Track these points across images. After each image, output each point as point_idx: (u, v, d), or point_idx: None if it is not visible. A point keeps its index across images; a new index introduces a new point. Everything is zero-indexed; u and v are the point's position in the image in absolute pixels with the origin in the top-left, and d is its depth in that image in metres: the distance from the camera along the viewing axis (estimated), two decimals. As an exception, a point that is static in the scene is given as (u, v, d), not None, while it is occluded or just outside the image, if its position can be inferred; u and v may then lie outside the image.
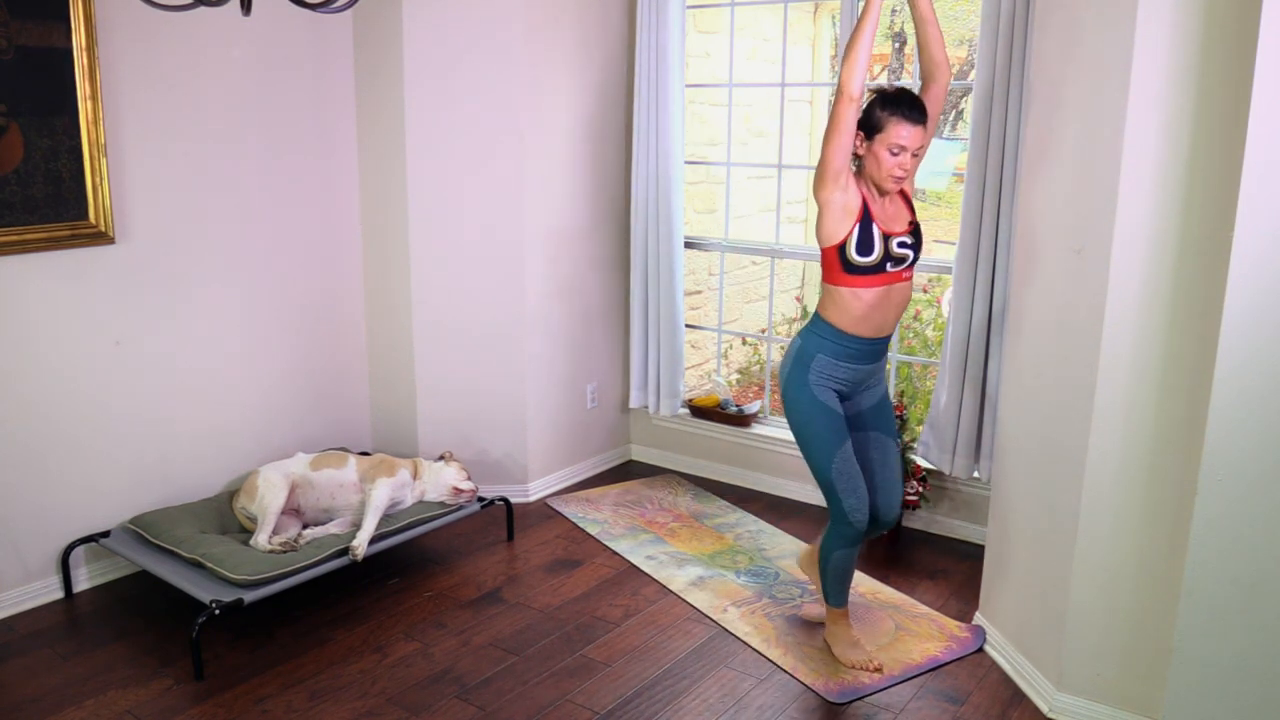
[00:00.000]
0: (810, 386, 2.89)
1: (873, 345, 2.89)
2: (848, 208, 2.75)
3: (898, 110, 2.69)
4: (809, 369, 2.89)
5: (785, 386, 2.96)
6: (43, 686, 2.93)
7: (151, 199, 3.52)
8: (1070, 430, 2.72)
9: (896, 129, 2.69)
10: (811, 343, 2.90)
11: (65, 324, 3.35)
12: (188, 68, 3.55)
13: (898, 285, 2.84)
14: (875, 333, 2.86)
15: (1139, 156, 2.46)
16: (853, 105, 2.67)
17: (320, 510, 3.57)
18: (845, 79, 2.65)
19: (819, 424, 2.90)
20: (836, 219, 2.75)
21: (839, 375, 2.90)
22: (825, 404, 2.90)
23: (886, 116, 2.70)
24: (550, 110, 4.19)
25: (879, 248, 2.75)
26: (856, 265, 2.77)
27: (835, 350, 2.87)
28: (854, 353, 2.88)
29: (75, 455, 3.42)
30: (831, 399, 2.91)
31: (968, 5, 6.97)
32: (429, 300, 4.18)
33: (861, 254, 2.76)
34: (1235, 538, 2.32)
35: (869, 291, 2.80)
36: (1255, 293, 2.22)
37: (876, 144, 2.73)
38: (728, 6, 4.71)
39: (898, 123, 2.69)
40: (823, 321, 2.88)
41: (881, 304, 2.83)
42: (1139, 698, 2.68)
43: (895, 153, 2.71)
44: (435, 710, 2.85)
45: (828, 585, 3.07)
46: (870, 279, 2.79)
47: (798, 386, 2.91)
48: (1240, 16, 2.25)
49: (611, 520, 4.15)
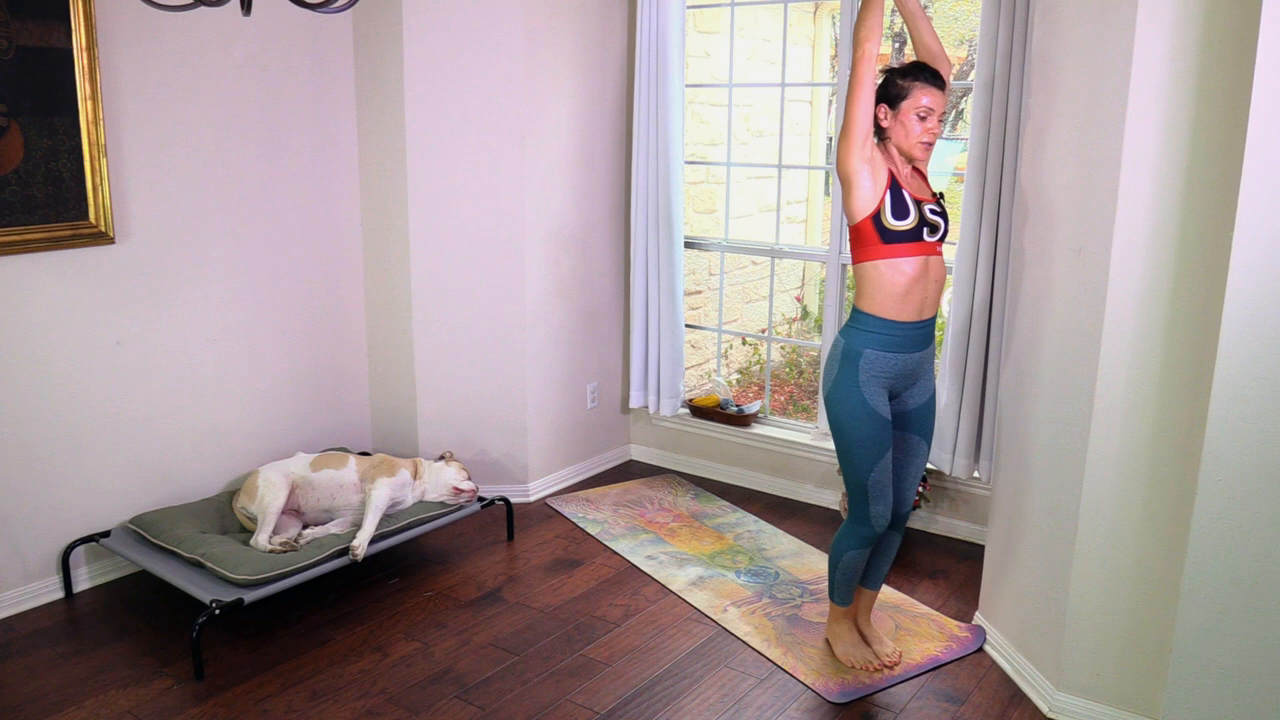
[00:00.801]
0: (860, 388, 2.79)
1: (919, 329, 2.80)
2: (876, 176, 2.72)
3: (919, 76, 2.71)
4: (858, 368, 2.78)
5: (833, 388, 2.84)
6: (43, 686, 2.94)
7: (151, 199, 3.52)
8: (1070, 430, 2.72)
9: (921, 92, 2.70)
10: (856, 339, 2.80)
11: (65, 324, 3.35)
12: (188, 68, 3.55)
13: (934, 259, 2.79)
14: (918, 314, 2.78)
15: (1139, 156, 2.46)
16: (873, 60, 2.65)
17: (320, 510, 3.57)
18: (864, 36, 2.66)
19: (865, 431, 2.81)
20: (866, 188, 2.71)
21: (890, 369, 2.80)
22: (875, 410, 2.80)
23: (909, 84, 2.71)
24: (550, 110, 4.19)
25: (914, 211, 2.72)
26: (894, 231, 2.71)
27: (883, 341, 2.77)
28: (901, 340, 2.78)
29: (75, 455, 3.42)
30: (882, 402, 2.82)
31: (968, 5, 6.97)
32: (429, 300, 4.18)
33: (898, 217, 2.71)
34: (1235, 538, 2.32)
35: (908, 262, 2.73)
36: (1255, 293, 2.22)
37: (903, 112, 2.72)
38: (728, 6, 4.71)
39: (921, 87, 2.70)
40: (864, 314, 2.79)
41: (921, 278, 2.76)
42: (1139, 698, 2.68)
43: (923, 116, 2.71)
44: (435, 710, 2.85)
45: (835, 583, 3.05)
46: (909, 247, 2.73)
47: (847, 388, 2.81)
48: (1240, 16, 2.25)
49: (611, 520, 4.15)
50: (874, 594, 3.15)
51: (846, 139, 2.71)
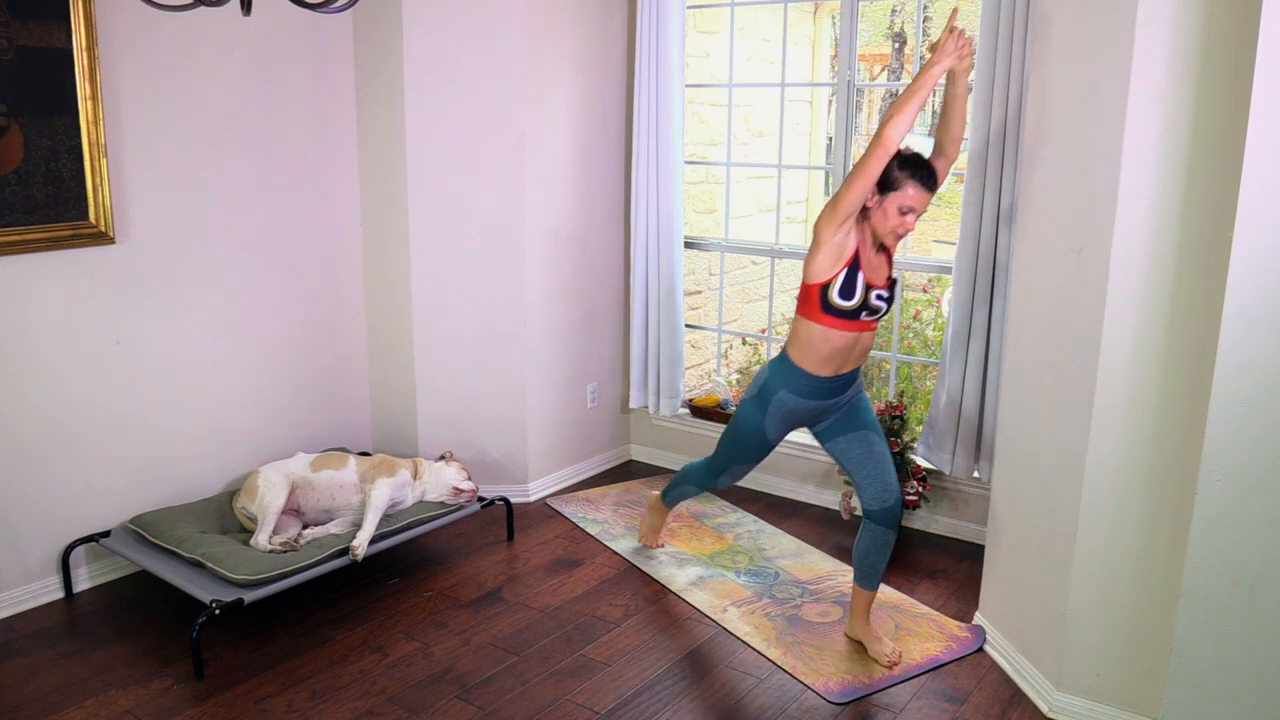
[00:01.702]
0: (765, 415, 3.08)
1: (834, 382, 3.01)
2: (843, 250, 2.84)
3: (916, 174, 2.78)
4: (769, 403, 3.06)
5: (745, 401, 3.16)
6: (43, 686, 2.93)
7: (151, 199, 3.52)
8: (1070, 430, 2.72)
9: (911, 191, 2.78)
10: (776, 378, 3.04)
11: (65, 324, 3.35)
12: (188, 68, 3.55)
13: (865, 334, 2.97)
14: (836, 372, 2.99)
15: (1139, 156, 2.46)
16: (887, 157, 2.73)
17: (320, 510, 3.57)
18: (889, 134, 2.70)
19: (750, 441, 3.17)
20: (830, 258, 2.84)
21: (799, 410, 3.05)
22: (766, 433, 3.12)
23: (905, 177, 2.78)
24: (550, 110, 4.19)
25: (859, 295, 2.85)
26: (836, 308, 2.87)
27: (798, 388, 3.00)
28: (816, 390, 3.01)
29: (75, 455, 3.42)
30: (778, 433, 3.13)
31: (968, 5, 6.97)
32: (429, 300, 4.18)
33: (843, 298, 2.86)
34: (1235, 538, 2.32)
35: (839, 335, 2.91)
36: (1255, 293, 2.22)
37: (889, 200, 2.80)
38: (728, 6, 4.71)
39: (914, 186, 2.78)
40: (789, 360, 3.01)
41: (848, 349, 2.95)
42: (1139, 698, 2.68)
43: (905, 212, 2.80)
44: (435, 710, 2.85)
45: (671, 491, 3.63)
46: (844, 323, 2.90)
47: (752, 408, 3.12)
48: (1240, 16, 2.25)
49: (611, 520, 4.15)
50: (871, 594, 3.15)
51: (833, 211, 2.81)
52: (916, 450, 3.97)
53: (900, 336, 4.85)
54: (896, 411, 3.90)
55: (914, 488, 3.84)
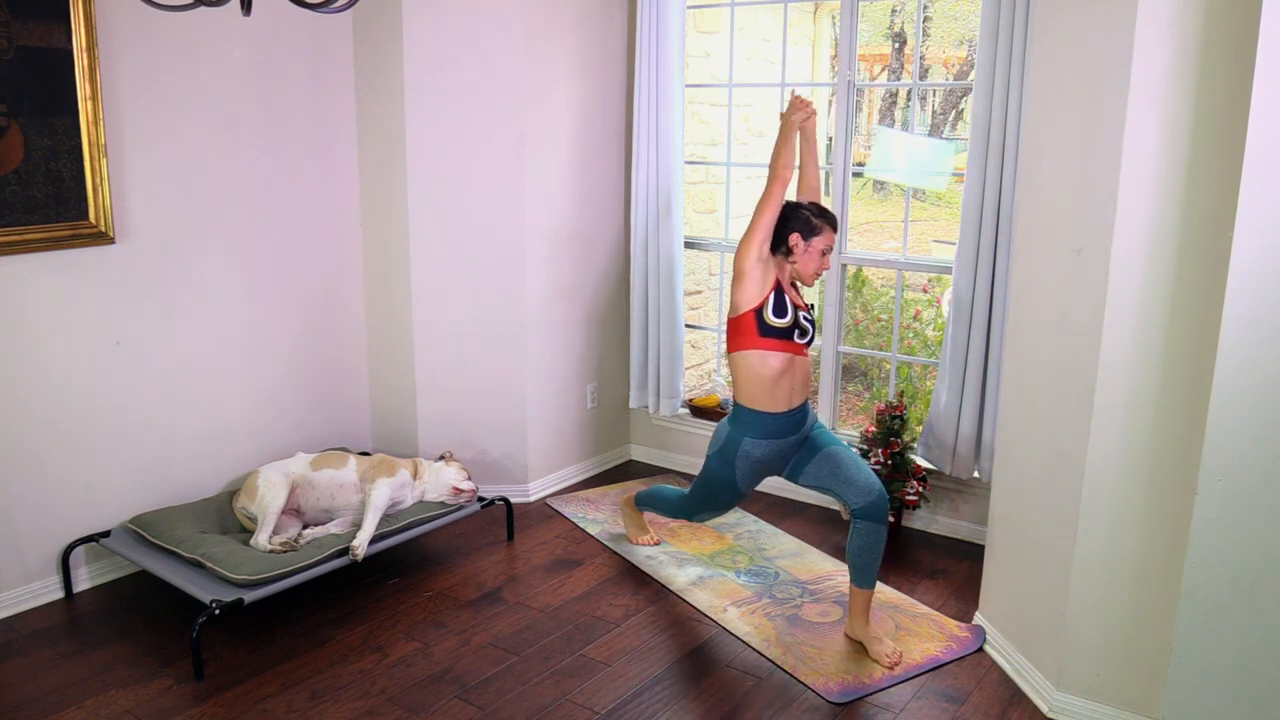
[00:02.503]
0: (734, 468, 3.21)
1: (790, 417, 3.16)
2: (766, 276, 3.11)
3: (827, 223, 3.16)
4: (736, 454, 3.19)
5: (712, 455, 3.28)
6: (43, 686, 2.94)
7: (151, 199, 3.52)
8: (1070, 430, 2.72)
9: (828, 236, 3.16)
10: (737, 430, 3.19)
11: (65, 324, 3.35)
12: (188, 68, 3.55)
13: (799, 358, 3.17)
14: (788, 404, 3.15)
15: (1139, 156, 2.46)
16: (785, 186, 3.12)
17: (320, 510, 3.57)
18: (781, 168, 3.12)
19: (720, 491, 3.30)
20: (756, 284, 3.10)
21: (765, 454, 3.18)
22: (738, 485, 3.24)
23: (821, 225, 3.15)
24: (550, 110, 4.19)
25: (790, 313, 3.11)
26: (771, 327, 3.09)
27: (759, 429, 3.15)
28: (775, 427, 3.15)
29: (75, 455, 3.42)
30: (750, 482, 3.26)
31: (968, 5, 6.98)
32: (429, 300, 4.18)
33: (778, 316, 3.10)
34: (1235, 538, 2.32)
35: (776, 356, 3.11)
36: (1255, 293, 2.22)
37: (813, 246, 3.15)
38: (728, 6, 4.71)
39: (828, 232, 3.16)
40: (742, 407, 3.18)
41: (787, 372, 3.13)
42: (1139, 698, 2.68)
43: (825, 252, 3.17)
44: (435, 710, 2.85)
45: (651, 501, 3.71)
46: (781, 343, 3.11)
47: (720, 461, 3.25)
48: (1240, 16, 2.25)
49: (611, 520, 4.15)
50: (869, 593, 3.15)
51: (748, 240, 3.10)
52: (916, 450, 3.97)
53: (900, 336, 4.85)
54: (896, 411, 3.90)
55: (914, 488, 3.84)
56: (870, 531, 3.07)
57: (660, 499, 3.68)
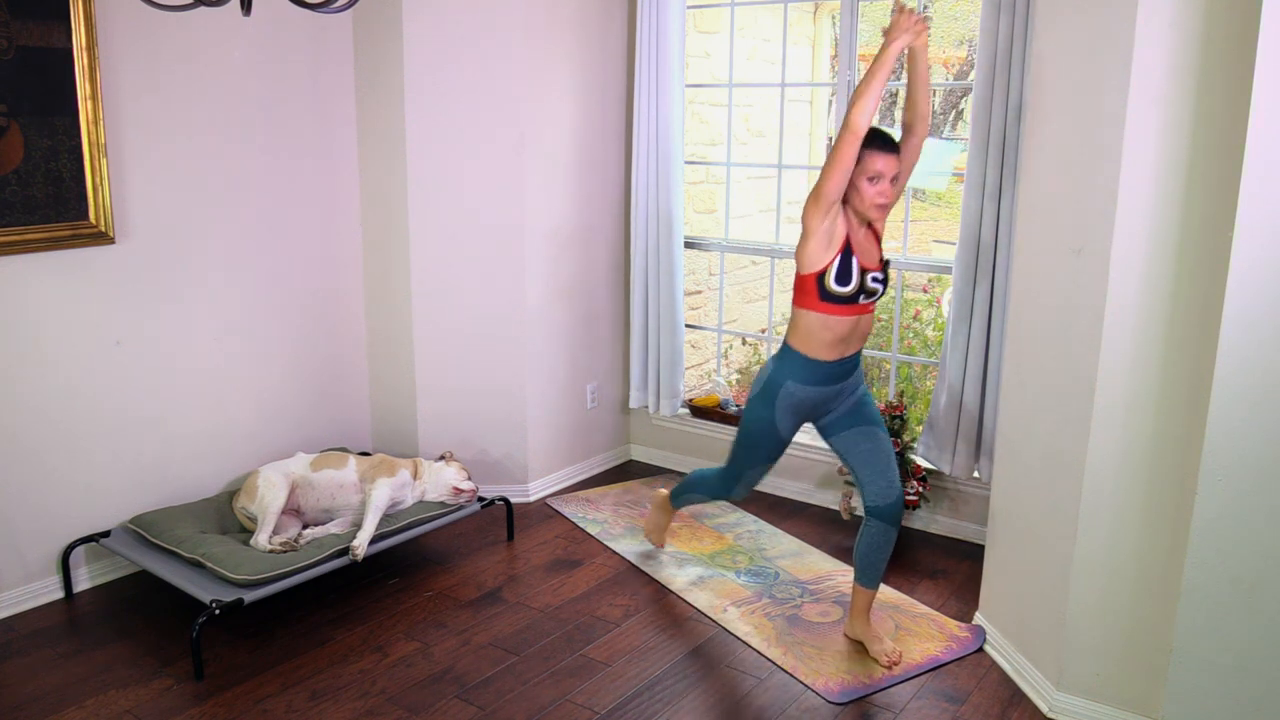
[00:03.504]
0: (774, 409, 3.06)
1: (839, 366, 3.02)
2: (834, 237, 2.88)
3: (871, 143, 2.84)
4: (776, 396, 3.05)
5: (751, 400, 3.14)
6: (43, 686, 2.93)
7: (151, 199, 3.52)
8: (1070, 430, 2.72)
9: (871, 159, 2.84)
10: (780, 370, 3.05)
11: (65, 324, 3.35)
12: (188, 68, 3.55)
13: (865, 316, 3.00)
14: (839, 355, 3.00)
15: (1139, 156, 2.46)
16: (857, 141, 2.79)
17: (320, 510, 3.57)
18: (854, 117, 2.76)
19: (762, 440, 3.14)
20: (821, 246, 2.88)
21: (807, 399, 3.05)
22: (778, 431, 3.10)
23: (863, 150, 2.83)
24: (550, 110, 4.19)
25: (855, 280, 2.90)
26: (834, 294, 2.91)
27: (803, 375, 3.01)
28: (822, 375, 3.02)
29: (75, 455, 3.42)
30: (789, 427, 3.11)
31: (968, 5, 6.98)
32: (429, 300, 4.18)
33: (840, 284, 2.90)
34: (1235, 538, 2.32)
35: (839, 321, 2.94)
36: (1255, 293, 2.22)
37: (856, 176, 2.86)
38: (728, 6, 4.71)
39: (871, 154, 2.83)
40: (790, 350, 3.03)
41: (849, 334, 2.98)
42: (1139, 698, 2.68)
43: (873, 179, 2.86)
44: (435, 710, 2.85)
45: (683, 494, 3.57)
46: (843, 308, 2.93)
47: (761, 404, 3.09)
48: (1240, 16, 2.25)
49: (611, 520, 4.15)
50: (872, 593, 3.15)
51: (815, 201, 2.86)
52: (916, 450, 3.97)
53: (900, 336, 4.85)
54: (896, 411, 3.90)
55: (914, 488, 3.84)
56: (882, 532, 3.06)
57: (699, 482, 3.49)
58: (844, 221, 2.90)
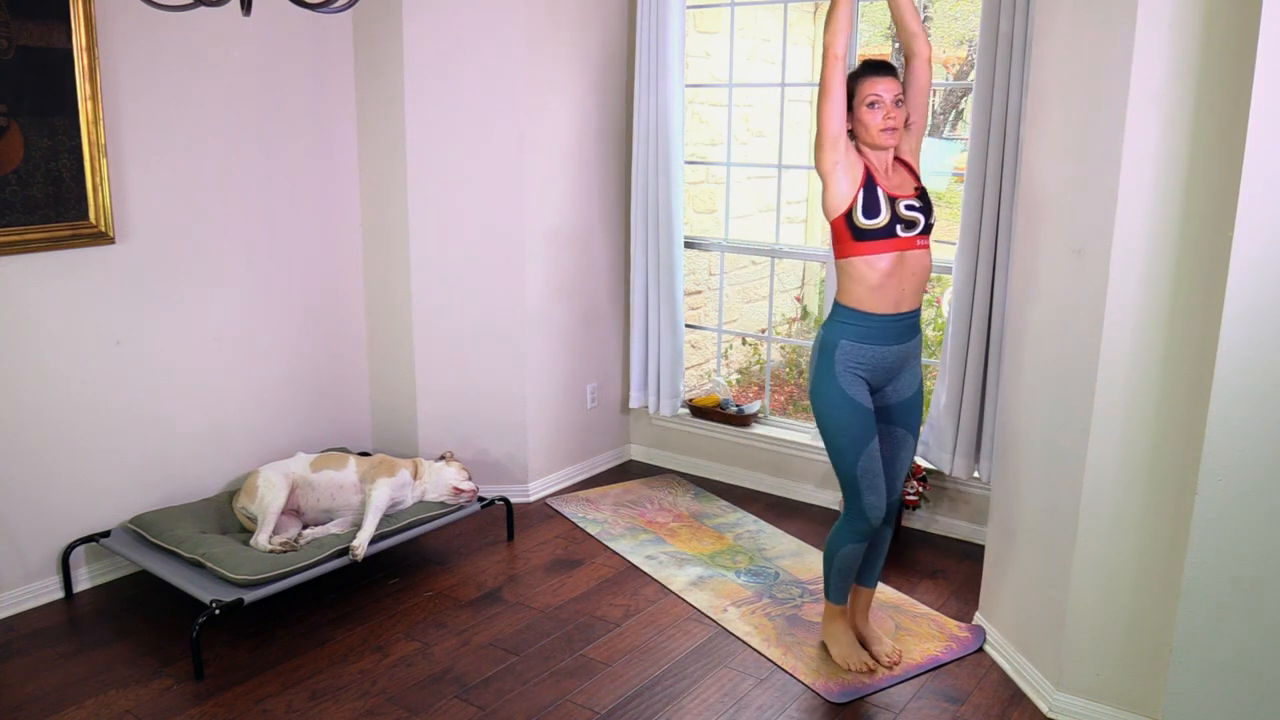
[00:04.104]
0: (837, 378, 2.83)
1: (896, 322, 2.82)
2: (851, 174, 2.75)
3: (862, 71, 2.79)
4: (834, 358, 2.83)
5: (812, 379, 2.91)
6: (43, 686, 2.93)
7: (151, 199, 3.52)
8: (1070, 430, 2.72)
9: (867, 84, 2.75)
10: (834, 330, 2.85)
11: (65, 324, 3.35)
12: (188, 68, 3.55)
13: (912, 253, 2.79)
14: (895, 307, 2.80)
15: (1139, 156, 2.46)
16: (839, 63, 2.72)
17: (320, 510, 3.57)
18: (829, 39, 2.73)
19: (845, 418, 2.84)
20: (841, 186, 2.76)
21: (865, 360, 2.83)
22: (852, 398, 2.83)
23: (854, 79, 2.78)
24: (550, 110, 4.19)
25: (885, 209, 2.74)
26: (865, 230, 2.74)
27: (858, 332, 2.81)
28: (877, 331, 2.81)
29: (75, 455, 3.42)
30: (860, 391, 2.84)
31: (968, 5, 6.98)
32: (429, 300, 4.18)
33: (869, 216, 2.74)
34: (1235, 538, 2.32)
35: (882, 258, 2.76)
36: (1255, 293, 2.22)
37: (855, 108, 2.77)
38: (728, 6, 4.71)
39: (865, 79, 2.76)
40: (841, 306, 2.84)
41: (897, 271, 2.77)
42: (1139, 698, 2.68)
43: (873, 104, 2.74)
44: (435, 710, 2.85)
45: (831, 579, 3.06)
46: (881, 244, 2.75)
47: (823, 377, 2.86)
48: (1240, 16, 2.25)
49: (611, 520, 4.15)
50: (870, 592, 3.15)
51: (819, 142, 2.77)
52: (916, 450, 3.96)
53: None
54: (896, 411, 3.89)
55: (914, 488, 3.84)
56: (881, 532, 3.06)
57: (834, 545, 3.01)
58: (859, 156, 2.78)
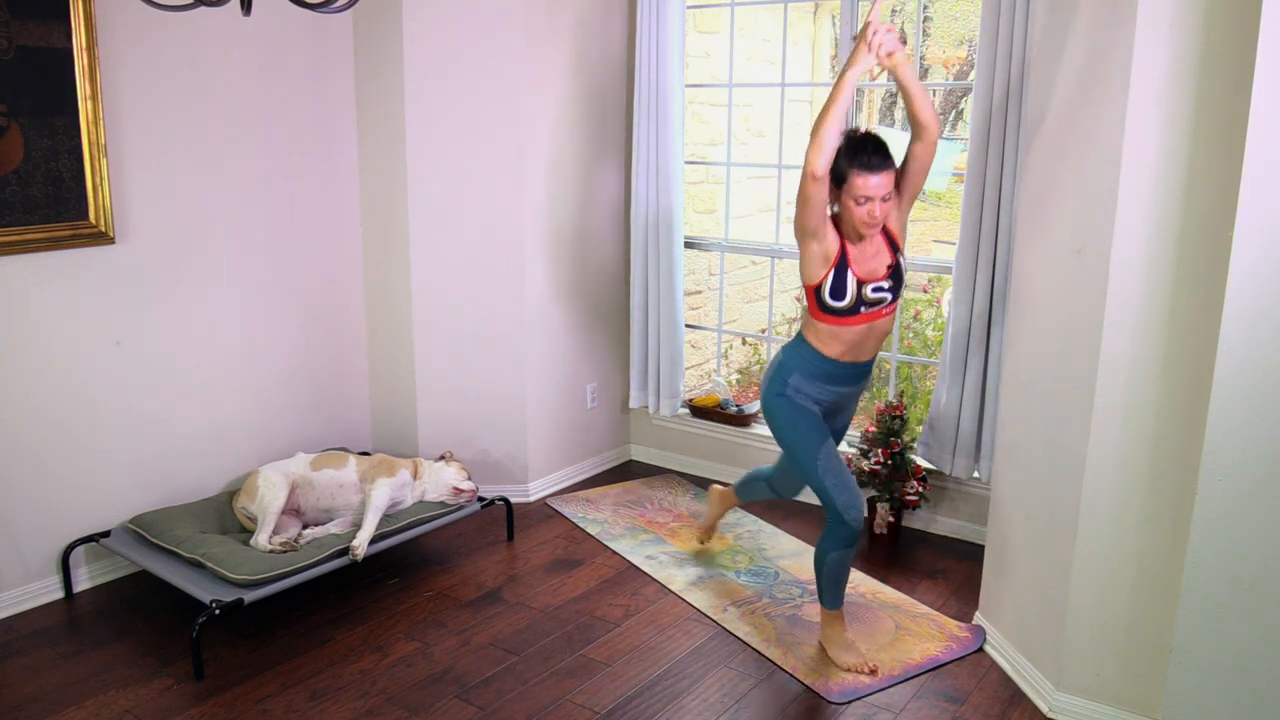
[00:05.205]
0: (788, 398, 2.99)
1: (851, 369, 2.97)
2: (825, 254, 2.82)
3: (857, 161, 2.70)
4: (786, 383, 2.98)
5: (764, 395, 3.06)
6: (43, 686, 2.93)
7: (151, 199, 3.52)
8: (1070, 430, 2.72)
9: (860, 181, 2.70)
10: (791, 358, 2.99)
11: (65, 324, 3.35)
12: (188, 68, 3.55)
13: (878, 321, 2.90)
14: (855, 357, 2.94)
15: (1139, 156, 2.46)
16: (818, 184, 2.70)
17: (320, 510, 3.57)
18: (810, 160, 2.67)
19: (798, 423, 2.98)
20: (814, 263, 2.84)
21: (814, 394, 2.98)
22: (802, 405, 2.98)
23: (848, 168, 2.71)
24: (550, 110, 4.19)
25: (852, 293, 2.82)
26: (831, 309, 2.86)
27: (813, 370, 2.95)
28: (831, 374, 2.96)
29: (75, 455, 3.42)
30: (809, 404, 3.00)
31: (968, 5, 6.98)
32: (429, 300, 4.18)
33: (835, 298, 2.83)
34: (1235, 538, 2.32)
35: (847, 330, 2.89)
36: (1255, 293, 2.22)
37: (845, 195, 2.75)
38: (728, 6, 4.71)
39: (860, 174, 2.70)
40: (804, 341, 2.97)
41: (861, 339, 2.91)
42: (1139, 698, 2.68)
43: (861, 203, 2.73)
44: (435, 710, 2.85)
45: (822, 586, 3.09)
46: (847, 320, 2.87)
47: (774, 394, 3.01)
48: (1240, 16, 2.25)
49: (611, 520, 4.15)
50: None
51: (796, 219, 2.79)
52: (916, 450, 3.97)
53: (900, 336, 4.85)
54: (896, 412, 3.89)
55: (914, 488, 3.84)
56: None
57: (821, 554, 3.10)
58: (836, 237, 2.80)
